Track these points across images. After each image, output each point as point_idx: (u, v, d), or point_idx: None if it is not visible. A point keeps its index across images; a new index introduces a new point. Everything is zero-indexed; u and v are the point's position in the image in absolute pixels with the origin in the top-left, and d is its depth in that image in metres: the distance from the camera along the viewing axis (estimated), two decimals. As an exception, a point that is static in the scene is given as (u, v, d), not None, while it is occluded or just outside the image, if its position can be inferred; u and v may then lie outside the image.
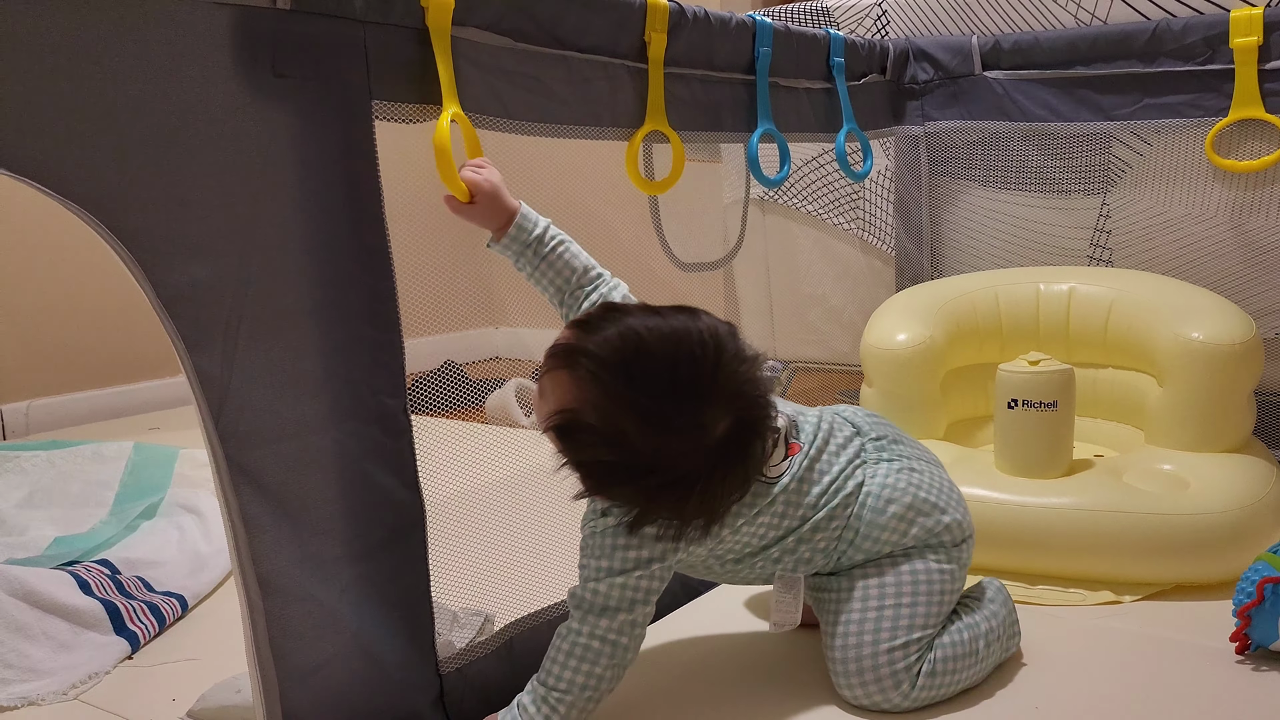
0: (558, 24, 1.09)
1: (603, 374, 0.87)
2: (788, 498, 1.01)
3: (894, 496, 1.04)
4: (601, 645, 0.94)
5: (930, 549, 1.04)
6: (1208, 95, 1.57)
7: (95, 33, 0.72)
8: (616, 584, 0.95)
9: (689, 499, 0.89)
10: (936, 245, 1.90)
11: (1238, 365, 1.37)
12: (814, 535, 1.02)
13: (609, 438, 0.87)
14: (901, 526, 1.03)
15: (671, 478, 0.88)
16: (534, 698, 0.95)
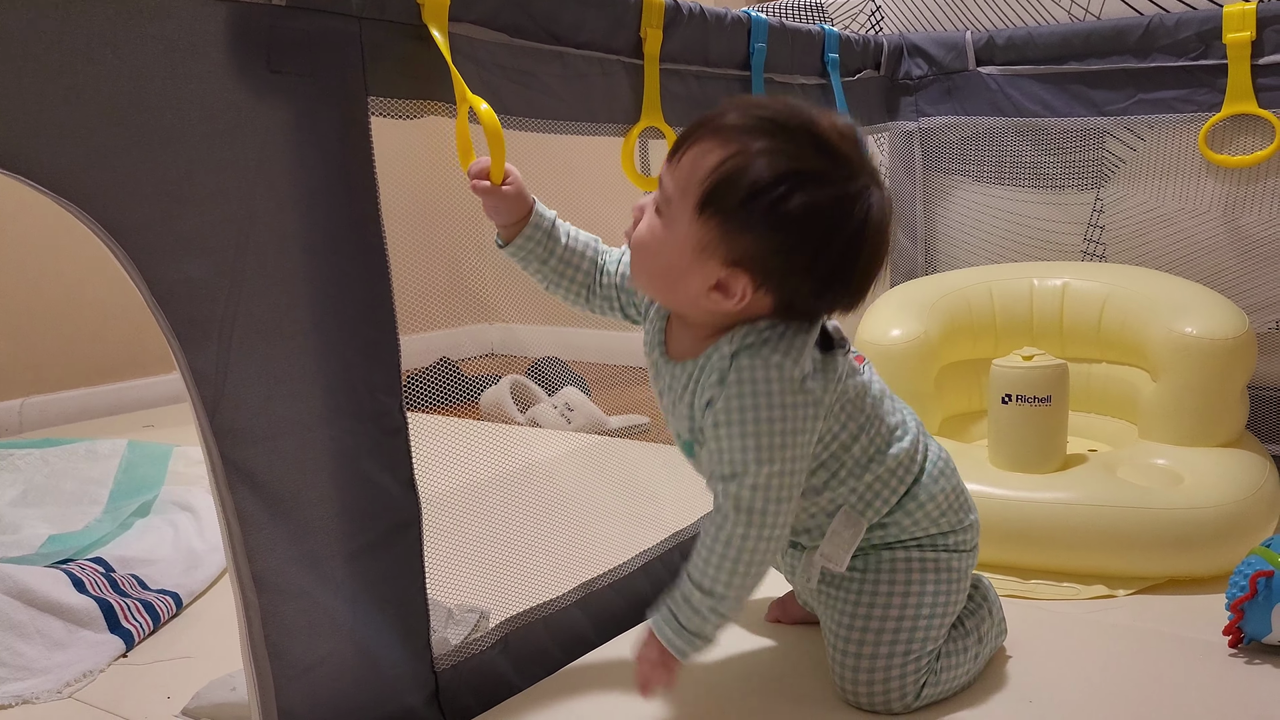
0: (553, 20, 1.08)
1: (758, 126, 0.84)
2: (868, 399, 0.96)
3: (946, 473, 1.02)
4: (770, 543, 0.88)
5: (950, 550, 1.01)
6: (1201, 90, 1.57)
7: (89, 29, 0.72)
8: (778, 468, 0.87)
9: (854, 269, 0.86)
10: (930, 241, 1.91)
11: (1231, 360, 1.38)
12: (885, 468, 0.97)
13: (781, 176, 0.82)
14: (944, 506, 1.00)
15: (844, 235, 0.84)
16: (703, 610, 0.88)
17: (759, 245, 0.85)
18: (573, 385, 2.41)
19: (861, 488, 0.98)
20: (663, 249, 0.89)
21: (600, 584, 1.21)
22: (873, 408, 0.98)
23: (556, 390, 2.39)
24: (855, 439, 0.97)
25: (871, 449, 0.98)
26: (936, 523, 1.01)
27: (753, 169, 0.83)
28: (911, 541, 1.01)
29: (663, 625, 0.91)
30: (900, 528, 1.00)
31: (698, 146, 0.86)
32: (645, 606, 1.23)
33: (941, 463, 1.03)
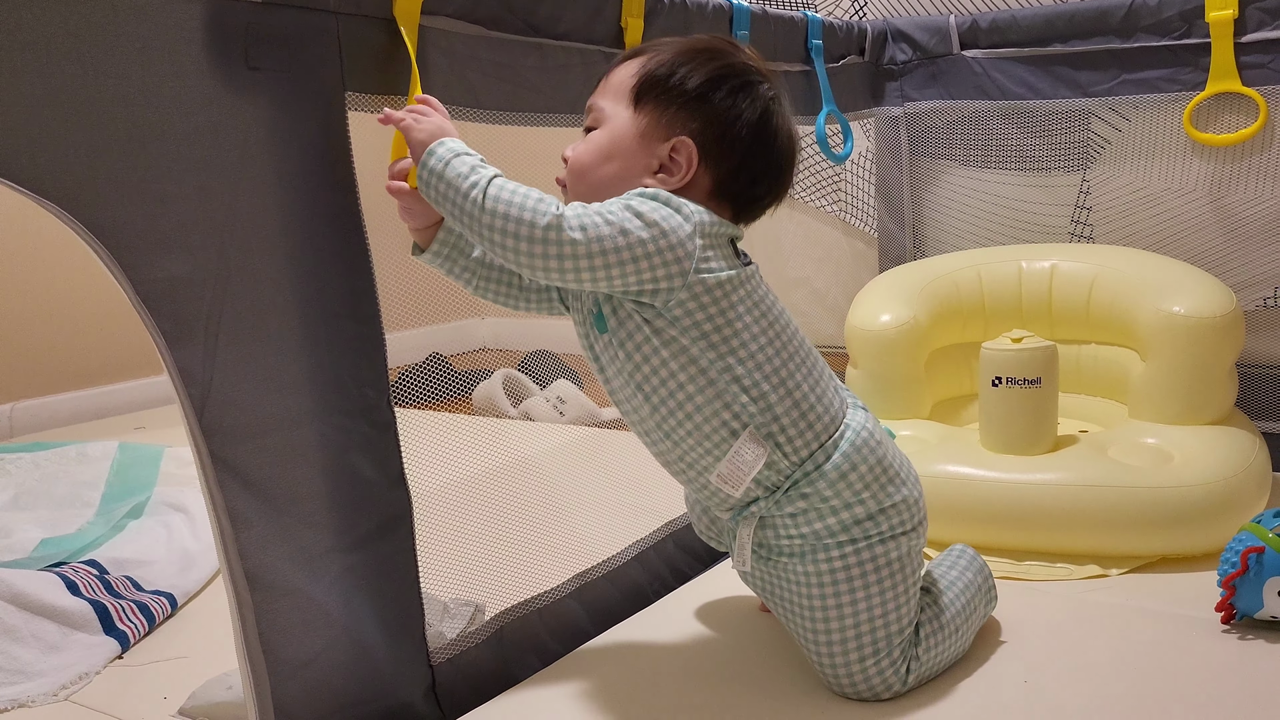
0: (532, 11, 1.08)
1: (667, 42, 1.01)
2: (790, 332, 0.98)
3: (871, 445, 0.98)
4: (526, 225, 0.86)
5: (884, 539, 0.97)
6: (1185, 70, 1.58)
7: (66, 28, 0.71)
8: (620, 208, 0.89)
9: (771, 152, 0.99)
10: (918, 226, 1.91)
11: (1219, 338, 1.38)
12: (798, 405, 0.96)
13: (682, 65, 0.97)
14: (867, 479, 0.96)
15: (760, 114, 0.97)
16: (461, 177, 0.87)
17: (693, 114, 0.97)
18: (565, 378, 2.41)
19: (769, 416, 0.95)
20: (603, 154, 0.98)
21: (595, 574, 1.22)
22: (794, 341, 0.98)
23: (548, 383, 2.39)
24: (763, 348, 0.94)
25: (785, 374, 0.95)
26: (860, 497, 0.96)
27: (673, 59, 0.98)
28: (843, 534, 0.96)
29: (444, 156, 0.88)
30: (822, 500, 0.95)
31: (618, 69, 1.00)
32: (640, 596, 1.24)
33: (866, 434, 0.98)
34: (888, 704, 0.98)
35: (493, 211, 0.85)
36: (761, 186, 1.00)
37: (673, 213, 0.91)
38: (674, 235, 0.90)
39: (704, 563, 1.35)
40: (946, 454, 1.39)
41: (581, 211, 0.88)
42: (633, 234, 0.88)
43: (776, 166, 1.00)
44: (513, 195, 0.86)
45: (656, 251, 0.89)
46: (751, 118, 0.97)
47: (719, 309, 0.93)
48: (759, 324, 0.95)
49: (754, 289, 0.96)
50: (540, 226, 0.85)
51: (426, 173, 0.88)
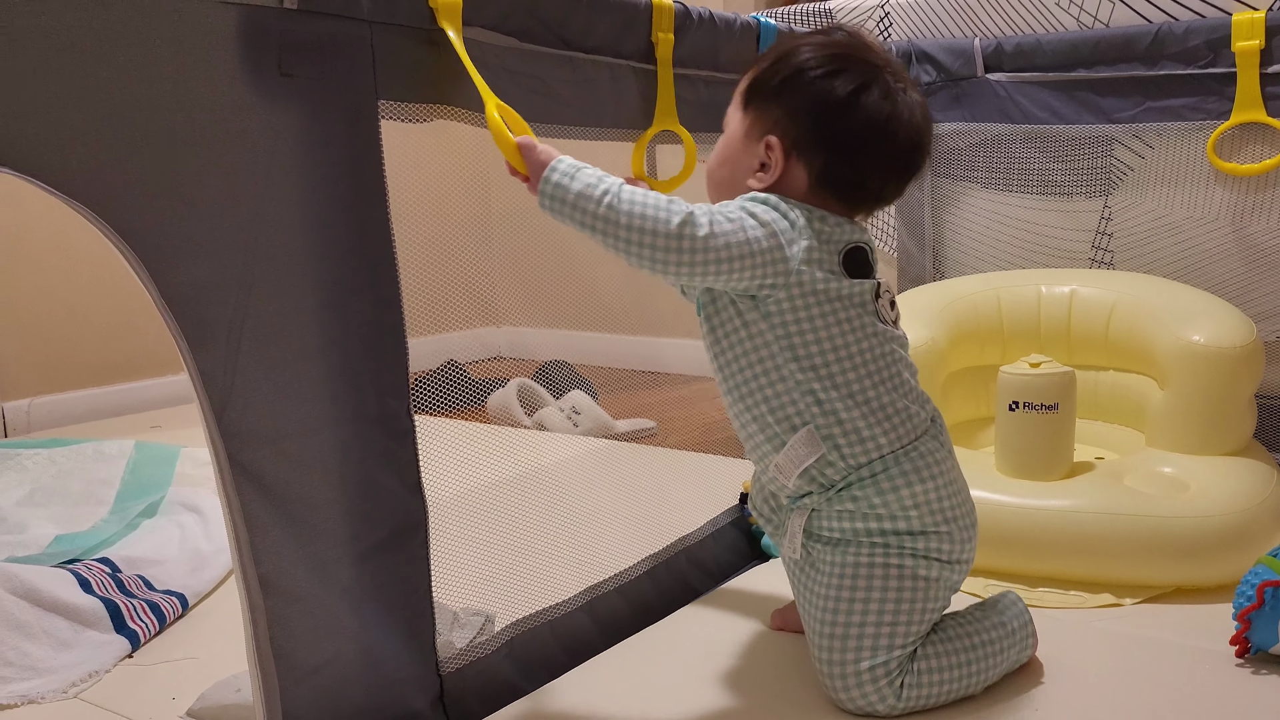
0: (564, 24, 1.09)
1: (793, 48, 1.02)
2: (881, 344, 0.99)
3: (935, 474, 1.00)
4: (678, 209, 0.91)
5: (918, 556, 0.99)
6: (1209, 98, 1.57)
7: (100, 31, 0.72)
8: (722, 215, 0.93)
9: (877, 149, 0.99)
10: (938, 247, 1.91)
11: (1238, 368, 1.37)
12: (865, 413, 0.98)
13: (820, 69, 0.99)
14: (920, 499, 0.98)
15: (867, 109, 0.97)
16: (591, 191, 0.91)
17: (785, 111, 1.00)
18: (580, 389, 2.41)
19: (832, 419, 0.98)
20: (719, 157, 1.05)
21: (606, 588, 1.21)
22: (881, 359, 0.99)
23: (564, 394, 2.40)
24: (841, 360, 0.97)
25: (858, 388, 0.98)
26: (907, 514, 0.98)
27: (783, 62, 1.01)
28: (879, 537, 0.99)
29: (564, 170, 0.91)
30: (870, 506, 0.98)
31: (746, 74, 1.05)
32: (651, 611, 1.24)
33: (933, 460, 1.00)
34: (897, 728, 0.97)
35: (629, 213, 0.90)
36: (869, 178, 1.01)
37: (780, 216, 0.96)
38: (783, 236, 0.95)
39: (715, 579, 1.35)
40: (961, 477, 1.38)
41: (708, 210, 0.93)
42: (750, 233, 0.93)
43: (881, 154, 1.00)
44: (645, 199, 0.91)
45: (767, 250, 0.94)
46: (843, 106, 0.98)
47: (809, 315, 0.97)
48: (845, 338, 0.98)
49: (853, 302, 0.98)
50: (674, 225, 0.90)
51: (551, 186, 0.91)
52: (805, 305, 0.97)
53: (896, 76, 1.00)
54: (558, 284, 2.28)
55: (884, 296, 1.02)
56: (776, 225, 0.95)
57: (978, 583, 1.30)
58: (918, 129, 1.01)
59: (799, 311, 0.97)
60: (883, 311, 1.01)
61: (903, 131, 0.99)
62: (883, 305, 1.02)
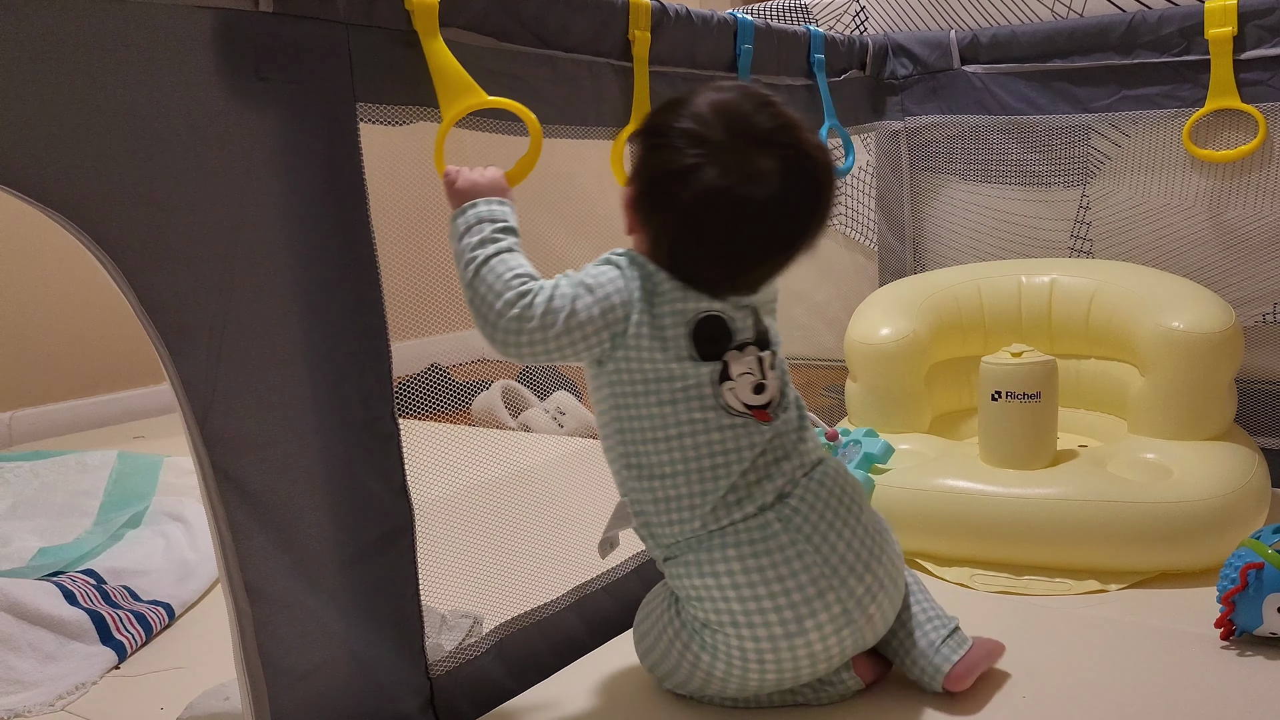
0: (541, 24, 1.08)
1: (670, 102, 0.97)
2: (701, 434, 0.94)
3: (744, 561, 0.92)
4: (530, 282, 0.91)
5: (710, 650, 0.95)
6: (1184, 86, 1.58)
7: (75, 37, 0.72)
8: (564, 283, 0.93)
9: (695, 235, 0.92)
10: (919, 239, 1.91)
11: (1218, 353, 1.38)
12: (665, 501, 0.95)
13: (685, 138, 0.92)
14: (696, 593, 0.94)
15: (681, 200, 0.91)
16: (457, 237, 0.94)
17: (634, 169, 0.97)
18: (564, 389, 2.41)
19: (647, 498, 0.96)
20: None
21: (593, 587, 1.21)
22: (705, 440, 0.93)
23: (548, 395, 2.39)
24: (659, 439, 0.94)
25: (671, 470, 0.94)
26: (693, 605, 0.95)
27: (652, 116, 0.98)
28: (682, 615, 0.98)
29: (467, 221, 0.94)
30: (676, 585, 0.97)
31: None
32: (639, 609, 1.24)
33: (748, 555, 0.92)
34: (884, 718, 0.98)
35: (477, 289, 0.91)
36: (699, 259, 0.94)
37: (616, 281, 0.94)
38: (616, 308, 0.93)
39: (703, 575, 1.35)
40: (946, 468, 1.39)
41: (550, 291, 0.92)
42: (579, 315, 0.91)
43: (713, 236, 0.92)
44: (500, 277, 0.91)
45: (597, 321, 0.92)
46: (673, 175, 0.91)
47: (633, 391, 0.94)
48: (664, 420, 0.94)
49: (681, 387, 0.93)
50: (500, 305, 0.90)
51: (450, 230, 0.95)
52: (630, 380, 0.94)
53: (761, 147, 0.91)
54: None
55: (739, 379, 0.95)
56: (612, 297, 0.92)
57: (963, 573, 1.31)
58: (764, 210, 0.91)
59: (623, 386, 0.94)
60: (728, 396, 0.94)
61: (742, 214, 0.91)
62: (731, 389, 0.94)
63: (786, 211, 0.92)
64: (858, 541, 0.95)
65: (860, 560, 0.95)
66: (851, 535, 0.95)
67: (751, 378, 0.96)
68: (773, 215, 0.92)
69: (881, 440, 1.45)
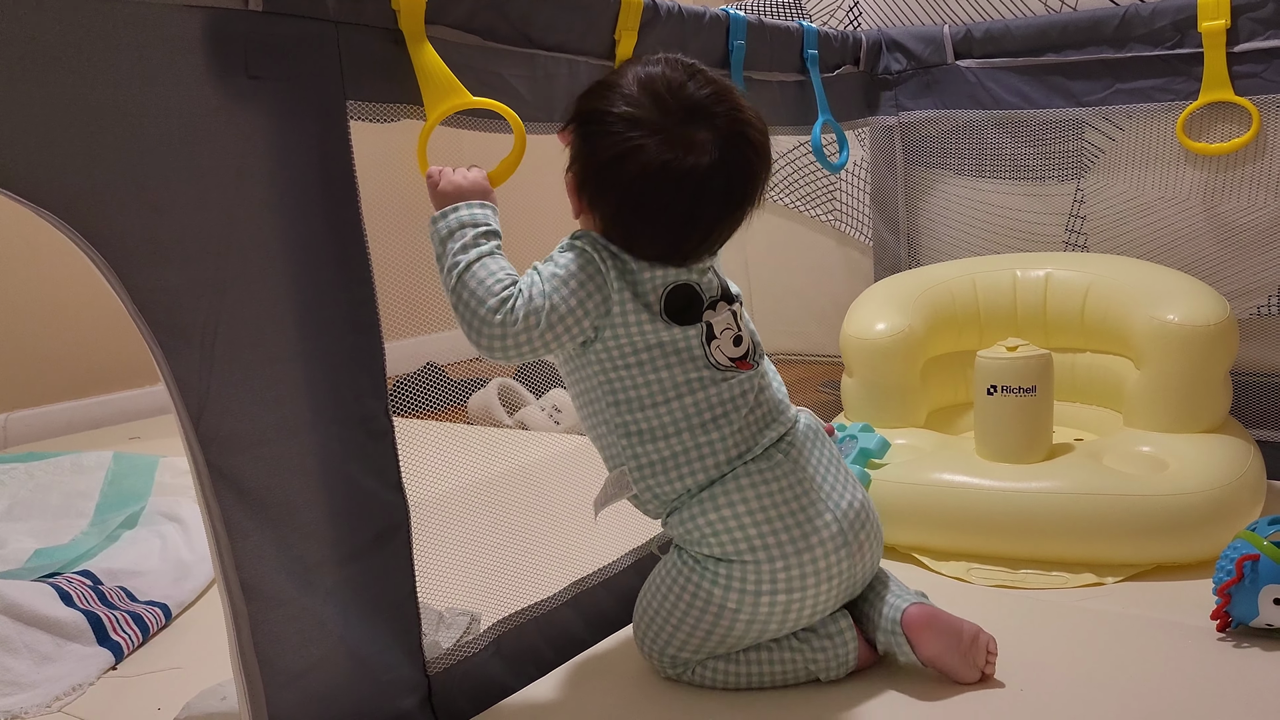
0: (528, 22, 1.08)
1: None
2: (691, 399, 0.99)
3: (745, 493, 0.99)
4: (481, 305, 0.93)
5: (714, 581, 1.00)
6: (1177, 79, 1.58)
7: (64, 37, 0.71)
8: (541, 276, 0.96)
9: (638, 209, 0.95)
10: (913, 235, 1.91)
11: (1213, 346, 1.39)
12: (662, 457, 1.00)
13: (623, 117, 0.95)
14: (719, 528, 0.99)
15: (622, 176, 0.95)
16: (437, 239, 0.96)
17: (573, 172, 0.99)
18: (560, 387, 2.41)
19: (644, 460, 1.01)
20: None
21: (591, 582, 1.21)
22: (703, 397, 0.99)
23: (544, 392, 2.39)
24: (658, 403, 0.99)
25: (674, 429, 0.99)
26: (706, 541, 1.00)
27: (584, 98, 1.00)
28: (691, 560, 1.03)
29: (454, 218, 0.95)
30: (684, 529, 1.02)
31: None
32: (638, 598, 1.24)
33: (749, 486, 0.99)
34: (882, 712, 0.98)
35: (462, 293, 0.93)
36: (645, 233, 0.97)
37: (594, 262, 0.97)
38: (596, 289, 0.96)
39: (700, 572, 1.35)
40: (942, 462, 1.39)
41: (528, 290, 0.94)
42: (560, 306, 0.94)
43: (655, 207, 0.96)
44: (485, 280, 0.93)
45: (579, 309, 0.95)
46: (615, 158, 0.95)
47: (625, 362, 0.99)
48: (661, 384, 0.99)
49: (673, 349, 0.98)
50: (489, 308, 0.93)
51: (431, 232, 0.96)
52: (621, 352, 0.98)
53: (696, 117, 0.95)
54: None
55: (722, 335, 1.01)
56: (587, 285, 0.96)
57: (960, 567, 1.31)
58: (708, 178, 0.94)
59: (615, 359, 0.99)
60: (716, 354, 1.01)
61: (687, 186, 0.94)
62: (717, 347, 1.01)
63: (730, 176, 0.96)
64: (843, 477, 1.06)
65: (846, 489, 1.04)
66: (837, 472, 1.05)
67: (730, 332, 1.02)
68: (718, 182, 0.96)
69: (878, 435, 1.45)
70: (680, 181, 0.94)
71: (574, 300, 0.95)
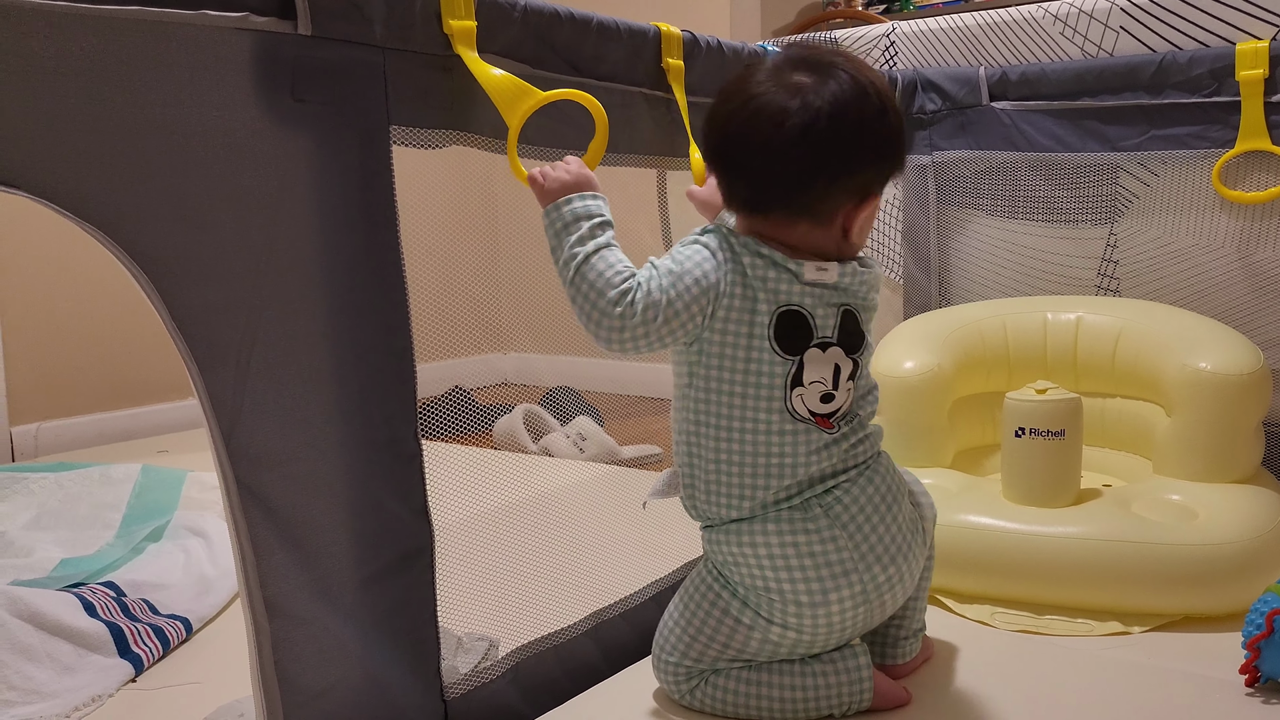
0: (575, 51, 1.09)
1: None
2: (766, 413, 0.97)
3: (771, 545, 0.98)
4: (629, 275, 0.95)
5: (744, 602, 1.01)
6: (1214, 127, 1.58)
7: (116, 56, 0.73)
8: (658, 271, 0.97)
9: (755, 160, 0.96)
10: (944, 274, 1.91)
11: (1246, 396, 1.37)
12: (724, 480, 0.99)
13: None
14: (766, 566, 0.98)
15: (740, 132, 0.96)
16: (557, 235, 0.97)
17: (703, 142, 1.03)
18: (586, 415, 2.41)
19: (697, 473, 1.00)
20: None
21: (611, 614, 1.21)
22: (766, 442, 0.97)
23: (569, 420, 2.40)
24: (721, 426, 0.98)
25: (727, 458, 0.98)
26: (729, 567, 1.01)
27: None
28: (715, 571, 1.04)
29: (568, 210, 0.97)
30: (712, 549, 1.02)
31: None
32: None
33: (791, 544, 0.97)
34: (905, 756, 0.97)
35: (580, 285, 0.95)
36: (762, 175, 0.97)
37: (708, 262, 0.97)
38: (706, 290, 0.96)
39: (721, 606, 1.34)
40: (968, 504, 1.38)
41: (646, 283, 0.95)
42: (676, 302, 0.95)
43: (768, 146, 0.95)
44: (604, 271, 0.95)
45: (692, 309, 0.96)
46: (733, 115, 0.97)
47: (705, 374, 0.98)
48: (731, 408, 0.97)
49: (755, 382, 0.96)
50: (610, 298, 0.95)
51: (547, 223, 0.98)
52: (707, 364, 0.98)
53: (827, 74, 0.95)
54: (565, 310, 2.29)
55: (810, 386, 0.97)
56: (701, 281, 0.96)
57: (984, 610, 1.30)
58: (818, 115, 0.93)
59: (702, 367, 0.98)
60: (795, 401, 0.97)
61: (790, 120, 0.93)
62: (800, 395, 0.97)
63: (829, 116, 0.95)
64: (889, 536, 1.00)
65: (888, 553, 0.99)
66: (885, 530, 0.99)
67: (821, 387, 0.98)
68: (817, 119, 0.94)
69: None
70: (785, 120, 0.94)
71: (688, 296, 0.96)
